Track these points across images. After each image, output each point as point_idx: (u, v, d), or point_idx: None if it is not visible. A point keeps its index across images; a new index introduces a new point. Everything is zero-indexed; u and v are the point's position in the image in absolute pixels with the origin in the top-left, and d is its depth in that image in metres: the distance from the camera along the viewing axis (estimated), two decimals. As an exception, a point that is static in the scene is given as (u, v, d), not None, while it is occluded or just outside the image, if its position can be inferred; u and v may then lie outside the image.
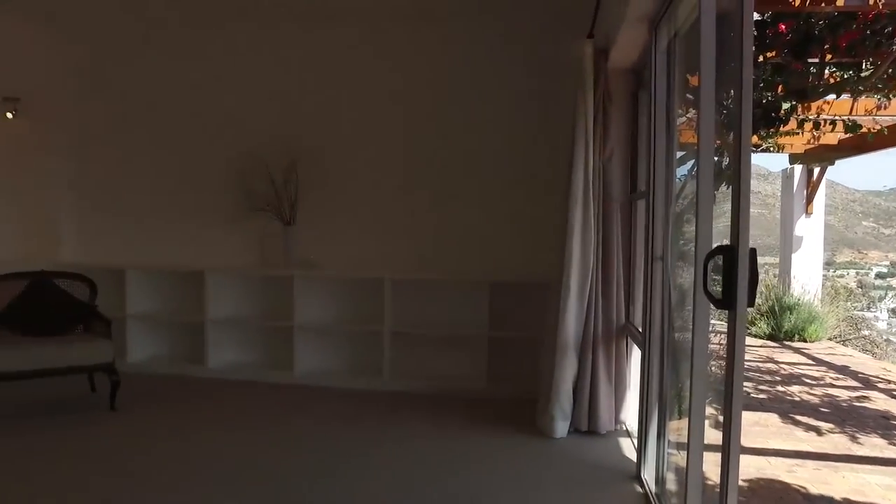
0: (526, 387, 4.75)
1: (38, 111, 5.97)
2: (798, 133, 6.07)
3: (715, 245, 2.22)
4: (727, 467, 2.06)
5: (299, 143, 5.42)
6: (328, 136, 5.51)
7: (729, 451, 2.05)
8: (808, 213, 9.29)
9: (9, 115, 5.87)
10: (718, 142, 2.92)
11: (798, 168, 9.23)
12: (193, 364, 5.59)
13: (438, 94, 5.37)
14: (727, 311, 2.04)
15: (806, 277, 8.93)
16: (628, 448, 3.88)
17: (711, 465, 2.31)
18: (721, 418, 2.11)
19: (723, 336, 2.12)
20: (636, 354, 4.01)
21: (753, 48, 3.74)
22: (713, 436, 2.26)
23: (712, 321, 2.53)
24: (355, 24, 5.37)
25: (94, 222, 6.08)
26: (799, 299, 8.38)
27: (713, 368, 2.70)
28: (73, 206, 6.10)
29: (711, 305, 2.24)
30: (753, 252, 2.03)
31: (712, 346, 2.62)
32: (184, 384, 5.30)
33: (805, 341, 8.01)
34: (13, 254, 5.88)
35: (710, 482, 2.59)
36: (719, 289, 2.06)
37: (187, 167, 5.83)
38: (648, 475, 3.29)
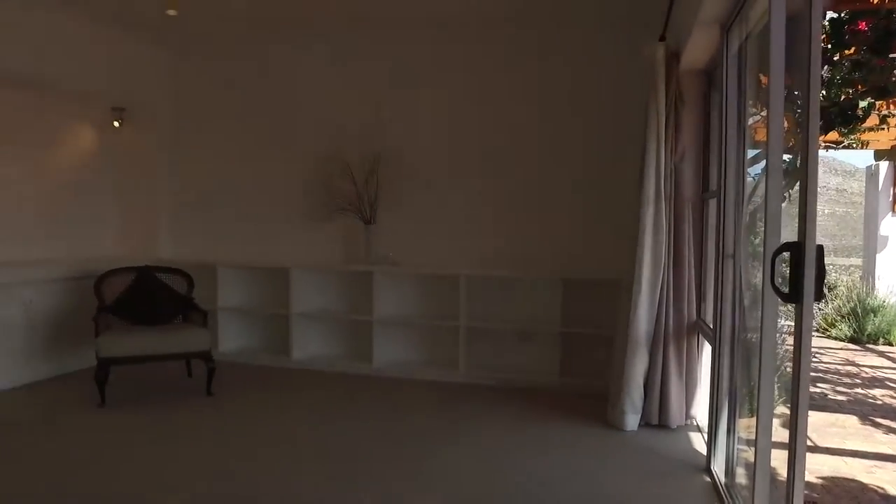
0: (597, 381, 4.86)
1: (141, 120, 6.44)
2: (883, 128, 5.88)
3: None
4: (794, 460, 2.11)
5: (380, 146, 5.64)
6: (407, 139, 5.71)
7: (796, 443, 2.10)
8: (894, 211, 8.92)
9: (115, 123, 6.38)
10: (793, 141, 2.96)
11: (884, 165, 8.87)
12: (278, 355, 5.91)
13: (512, 95, 5.51)
14: (794, 306, 2.12)
15: (893, 278, 8.58)
16: (698, 442, 3.93)
17: (782, 463, 2.36)
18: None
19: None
20: (707, 351, 4.06)
21: (829, 47, 3.74)
22: (785, 434, 2.31)
23: (787, 323, 2.57)
24: (433, 30, 5.57)
25: (188, 221, 6.52)
26: (884, 301, 8.08)
27: (787, 369, 2.75)
28: (170, 206, 6.56)
29: (780, 300, 2.31)
30: (820, 248, 2.10)
31: (787, 346, 2.66)
32: (270, 373, 5.63)
33: (891, 345, 7.72)
34: (119, 251, 6.43)
35: (780, 478, 2.64)
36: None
37: (274, 170, 6.17)
38: (718, 468, 3.35)
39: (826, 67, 3.94)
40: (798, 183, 2.22)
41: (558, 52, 5.38)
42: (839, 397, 5.37)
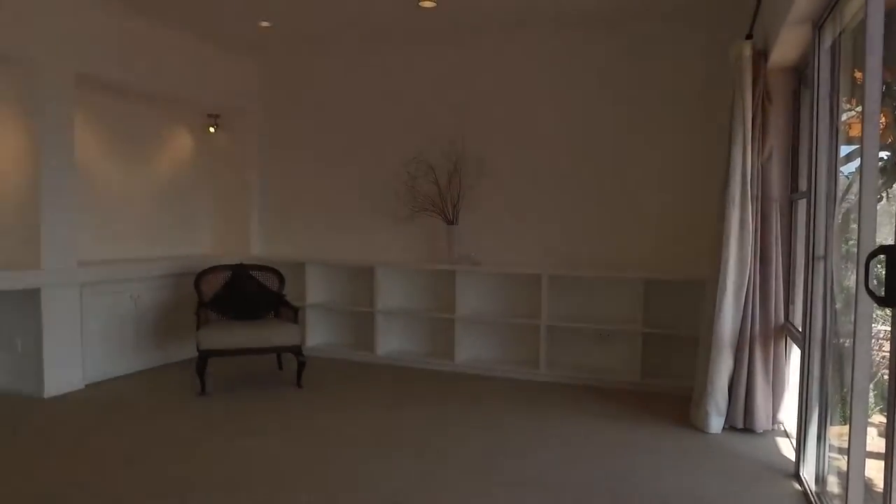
0: (680, 383, 4.84)
1: (234, 126, 6.81)
2: None
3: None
4: (891, 471, 2.06)
5: (462, 148, 5.75)
6: (489, 141, 5.79)
7: (893, 454, 2.05)
8: None
9: (211, 129, 6.77)
10: (891, 138, 2.86)
11: None
12: (363, 350, 6.13)
13: (594, 96, 5.51)
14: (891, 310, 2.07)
15: None
16: (786, 447, 3.85)
17: (878, 472, 2.30)
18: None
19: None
20: (795, 354, 3.96)
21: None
22: (881, 444, 2.24)
23: (884, 328, 2.49)
24: (514, 31, 5.64)
25: (279, 221, 6.83)
26: None
27: (884, 376, 2.66)
28: (262, 207, 6.88)
29: (875, 304, 2.26)
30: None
31: (883, 353, 2.57)
32: (355, 368, 5.86)
33: None
34: (215, 249, 6.83)
35: (876, 489, 2.57)
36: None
37: (360, 172, 6.38)
38: (808, 474, 3.27)
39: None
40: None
41: (638, 50, 5.34)
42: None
